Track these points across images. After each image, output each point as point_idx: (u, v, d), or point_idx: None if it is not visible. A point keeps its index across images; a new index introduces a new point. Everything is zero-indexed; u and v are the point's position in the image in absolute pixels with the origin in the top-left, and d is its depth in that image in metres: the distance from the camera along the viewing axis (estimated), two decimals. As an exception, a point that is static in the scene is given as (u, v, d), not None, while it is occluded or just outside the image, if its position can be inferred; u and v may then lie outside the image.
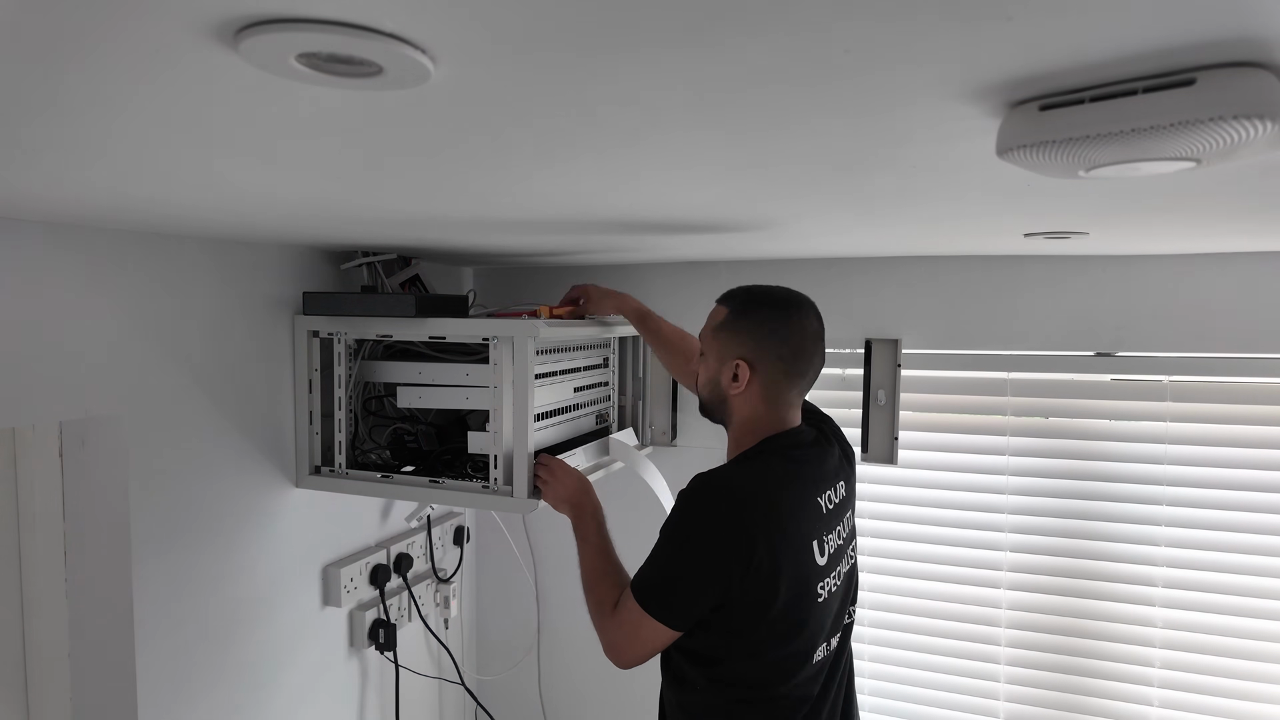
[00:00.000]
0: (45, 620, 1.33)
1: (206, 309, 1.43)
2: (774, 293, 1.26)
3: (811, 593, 1.16)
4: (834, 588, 1.21)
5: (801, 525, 1.16)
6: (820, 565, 1.17)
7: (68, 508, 1.32)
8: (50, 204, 0.99)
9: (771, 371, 1.21)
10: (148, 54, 0.45)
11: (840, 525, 1.25)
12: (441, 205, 1.03)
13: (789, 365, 1.21)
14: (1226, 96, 0.48)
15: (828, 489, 1.24)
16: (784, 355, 1.21)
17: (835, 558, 1.22)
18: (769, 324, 1.22)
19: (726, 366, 1.22)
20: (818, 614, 1.18)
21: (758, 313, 1.23)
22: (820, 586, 1.17)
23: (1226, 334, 1.69)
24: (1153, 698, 1.81)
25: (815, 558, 1.16)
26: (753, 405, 1.22)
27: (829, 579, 1.20)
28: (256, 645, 1.58)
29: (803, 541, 1.15)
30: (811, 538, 1.17)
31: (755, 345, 1.21)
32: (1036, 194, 0.93)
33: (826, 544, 1.19)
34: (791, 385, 1.23)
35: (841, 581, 1.25)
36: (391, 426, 1.72)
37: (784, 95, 0.55)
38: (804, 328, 1.23)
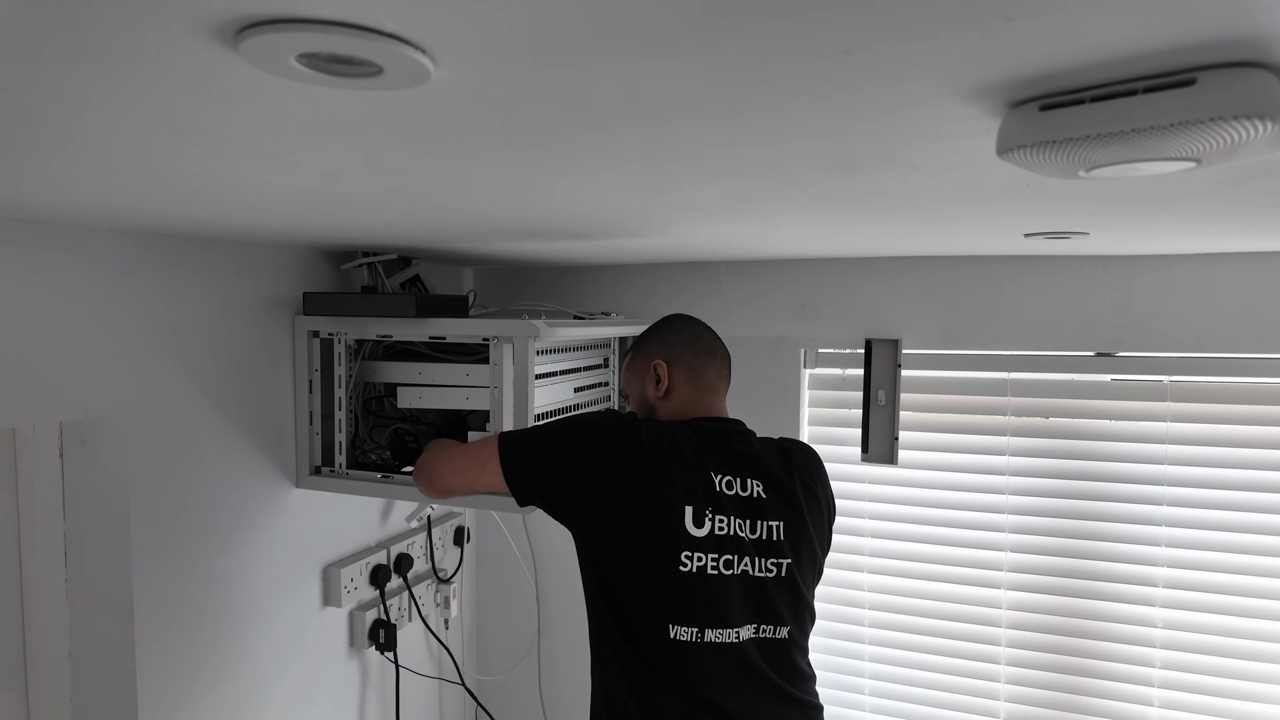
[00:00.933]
0: (45, 620, 1.33)
1: (207, 309, 1.43)
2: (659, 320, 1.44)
3: (669, 557, 1.16)
4: (716, 568, 1.18)
5: (672, 478, 1.18)
6: (693, 534, 1.17)
7: (68, 508, 1.32)
8: (50, 204, 0.99)
9: (683, 355, 1.35)
10: (148, 54, 0.45)
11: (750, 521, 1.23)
12: (441, 206, 1.03)
13: (695, 345, 1.36)
14: (1226, 96, 0.48)
15: (734, 476, 1.23)
16: (687, 340, 1.37)
17: (728, 545, 1.19)
18: (664, 330, 1.40)
19: (647, 379, 1.36)
20: (677, 587, 1.16)
21: (652, 333, 1.41)
22: (686, 557, 1.16)
23: (1226, 334, 1.68)
24: (1153, 698, 1.81)
25: (685, 524, 1.17)
26: (678, 399, 1.34)
27: (706, 558, 1.17)
28: (257, 645, 1.58)
29: (667, 494, 1.17)
30: (684, 501, 1.17)
31: (661, 344, 1.37)
32: (1036, 194, 0.93)
33: (711, 520, 1.18)
34: (706, 363, 1.35)
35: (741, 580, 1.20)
36: (392, 427, 1.72)
37: (784, 96, 0.55)
38: (694, 321, 1.41)
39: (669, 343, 1.36)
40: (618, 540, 1.18)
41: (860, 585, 2.00)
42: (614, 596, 1.20)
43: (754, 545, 1.22)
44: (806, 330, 1.97)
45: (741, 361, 1.91)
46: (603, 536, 1.20)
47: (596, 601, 1.23)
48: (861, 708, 2.02)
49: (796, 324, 1.97)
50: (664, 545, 1.16)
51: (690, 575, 1.16)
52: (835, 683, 2.03)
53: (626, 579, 1.19)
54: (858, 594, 2.00)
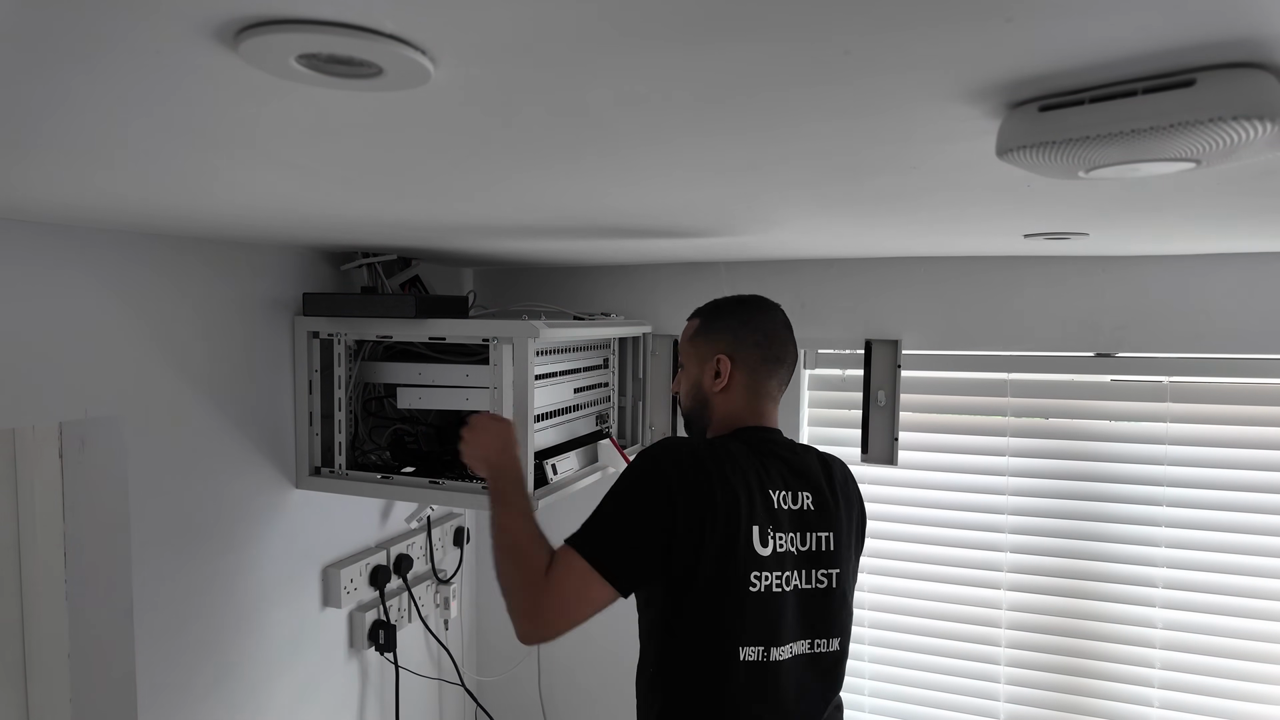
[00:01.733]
0: (45, 620, 1.33)
1: (207, 310, 1.43)
2: (740, 297, 1.34)
3: (740, 579, 1.13)
4: (779, 586, 1.15)
5: (739, 501, 1.14)
6: (760, 555, 1.14)
7: (68, 508, 1.32)
8: (50, 204, 0.99)
9: (750, 360, 1.27)
10: (148, 55, 0.46)
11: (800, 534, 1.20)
12: (442, 206, 1.03)
13: (765, 351, 1.28)
14: (1226, 97, 0.48)
15: (786, 490, 1.20)
16: (759, 342, 1.28)
17: (787, 561, 1.17)
18: (740, 318, 1.30)
19: (708, 366, 1.29)
20: (748, 607, 1.13)
21: (729, 313, 1.31)
22: (755, 577, 1.14)
23: (1226, 334, 1.68)
24: (1153, 698, 1.80)
25: (753, 544, 1.14)
26: (733, 401, 1.28)
27: (771, 576, 1.15)
28: (256, 646, 1.58)
29: (736, 517, 1.13)
30: (752, 522, 1.14)
31: (732, 338, 1.28)
32: (1036, 194, 0.93)
33: (773, 538, 1.16)
34: (770, 373, 1.28)
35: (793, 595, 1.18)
36: (391, 427, 1.72)
37: (784, 96, 0.55)
38: (773, 318, 1.31)
39: (740, 339, 1.27)
40: (698, 573, 1.12)
41: (861, 585, 1.97)
42: (687, 628, 1.15)
43: (805, 558, 1.20)
44: (806, 331, 1.97)
45: (741, 362, 1.91)
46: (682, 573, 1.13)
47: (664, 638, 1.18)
48: (861, 708, 2.02)
49: (796, 325, 1.95)
50: (738, 568, 1.13)
51: (759, 595, 1.14)
52: (835, 683, 2.02)
53: (702, 609, 1.14)
54: (858, 594, 1.99)
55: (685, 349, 1.34)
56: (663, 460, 1.16)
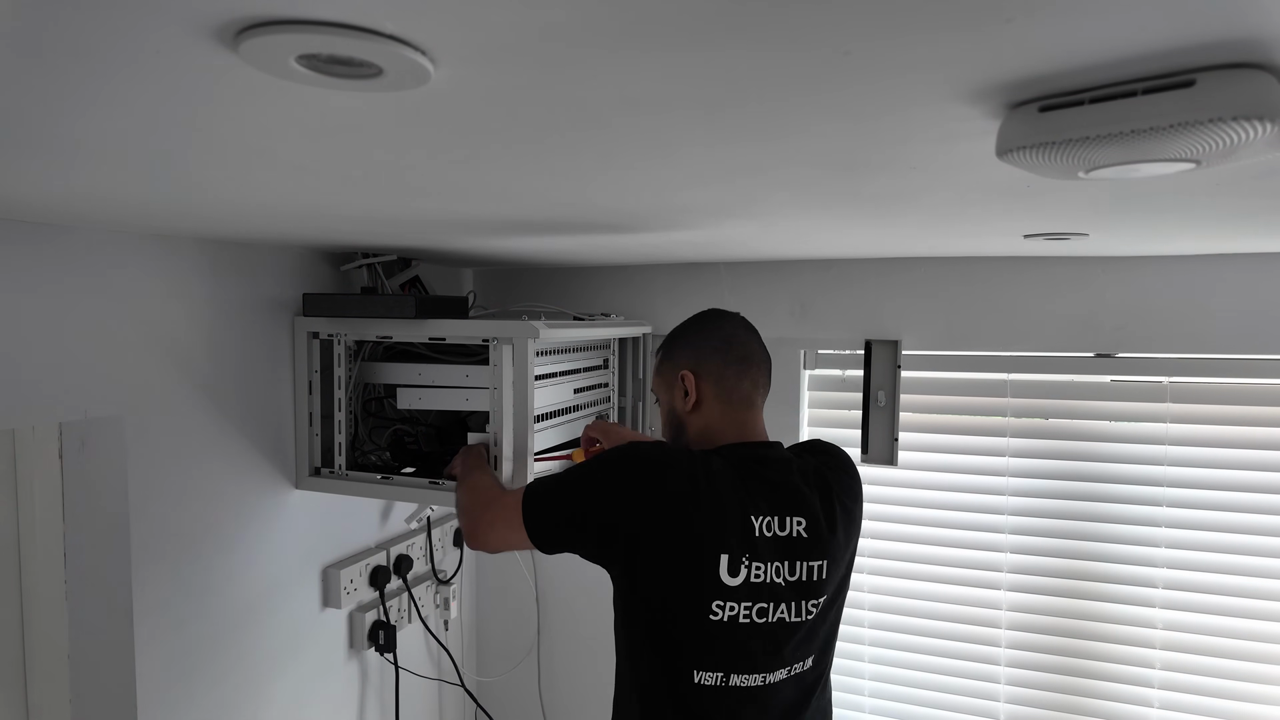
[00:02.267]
0: (45, 620, 1.33)
1: (206, 310, 1.43)
2: (694, 315, 1.32)
3: (698, 606, 1.09)
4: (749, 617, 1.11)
5: (708, 525, 1.10)
6: (727, 584, 1.09)
7: (68, 508, 1.31)
8: (50, 204, 0.99)
9: (713, 368, 1.23)
10: (148, 55, 0.46)
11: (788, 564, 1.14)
12: (441, 206, 1.03)
13: (726, 354, 1.23)
14: (1226, 98, 0.48)
15: (773, 516, 1.14)
16: (718, 348, 1.24)
17: (760, 592, 1.12)
18: (695, 331, 1.28)
19: (675, 390, 1.25)
20: (705, 635, 1.10)
21: (683, 334, 1.30)
22: (718, 606, 1.09)
23: (1226, 334, 1.68)
24: (1152, 699, 1.80)
25: (719, 573, 1.09)
26: (707, 416, 1.23)
27: (739, 607, 1.10)
28: (256, 646, 1.58)
29: (702, 542, 1.09)
30: (720, 550, 1.09)
31: (692, 352, 1.25)
32: (1036, 195, 0.93)
33: (746, 568, 1.10)
34: (739, 375, 1.23)
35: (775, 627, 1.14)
36: (391, 428, 1.72)
37: (784, 96, 0.55)
38: (730, 323, 1.28)
39: (698, 350, 1.24)
40: (647, 586, 1.12)
41: (860, 586, 2.00)
42: (640, 640, 1.15)
43: (792, 589, 1.14)
44: (806, 331, 1.97)
45: (741, 362, 1.91)
46: (633, 581, 1.13)
47: (621, 641, 1.19)
48: (861, 709, 2.02)
49: (796, 325, 1.97)
50: (695, 594, 1.09)
51: (719, 624, 1.10)
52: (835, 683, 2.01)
53: (652, 625, 1.13)
54: (858, 594, 1.99)
55: (655, 384, 1.32)
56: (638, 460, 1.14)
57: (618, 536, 1.11)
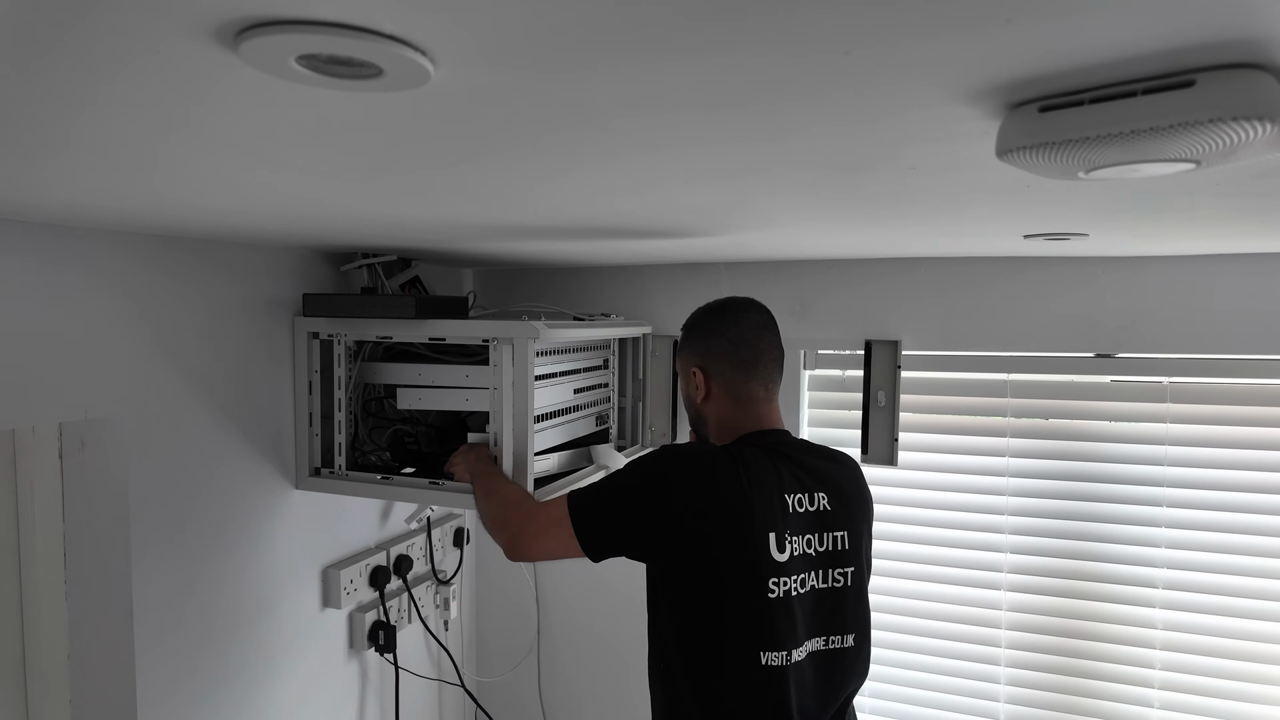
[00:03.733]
0: (45, 620, 1.33)
1: (206, 310, 1.43)
2: (711, 305, 1.37)
3: (758, 586, 1.15)
4: (796, 589, 1.18)
5: (754, 508, 1.16)
6: (778, 560, 1.16)
7: (68, 508, 1.32)
8: (50, 205, 0.99)
9: (721, 367, 1.30)
10: (148, 55, 0.46)
11: (817, 535, 1.23)
12: (441, 207, 1.03)
13: (734, 356, 1.30)
14: (1226, 98, 0.48)
15: (802, 493, 1.23)
16: (727, 350, 1.30)
17: (803, 564, 1.19)
18: (707, 327, 1.34)
19: (689, 380, 1.34)
20: (767, 614, 1.15)
21: (698, 324, 1.36)
22: (774, 584, 1.15)
23: (1226, 334, 1.68)
24: (1152, 699, 1.80)
25: (770, 551, 1.16)
26: (720, 407, 1.32)
27: (791, 581, 1.17)
28: (256, 646, 1.58)
29: (754, 524, 1.15)
30: (768, 529, 1.16)
31: (702, 350, 1.32)
32: (1036, 195, 0.93)
33: (789, 543, 1.18)
34: (747, 375, 1.29)
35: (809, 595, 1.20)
36: (391, 428, 1.72)
37: (783, 97, 0.55)
38: (741, 319, 1.32)
39: (708, 348, 1.31)
40: (707, 575, 1.15)
41: (860, 587, 2.00)
42: (702, 633, 1.17)
43: (822, 558, 1.22)
44: (806, 331, 1.97)
45: (741, 362, 1.90)
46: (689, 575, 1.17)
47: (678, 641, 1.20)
48: (862, 708, 2.02)
49: (796, 325, 1.97)
50: (753, 575, 1.15)
51: (777, 600, 1.16)
52: (835, 684, 2.02)
53: (713, 612, 1.16)
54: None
55: (678, 364, 1.41)
56: (677, 461, 1.20)
57: (672, 532, 1.15)
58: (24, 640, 1.34)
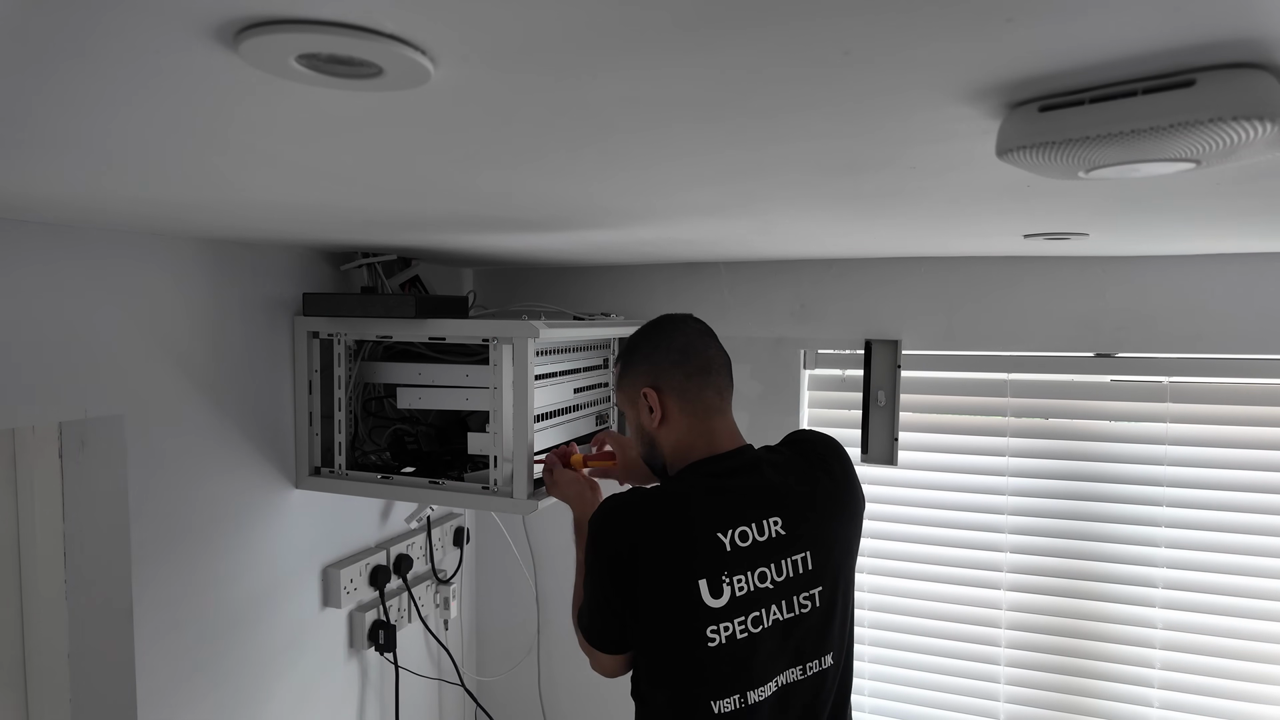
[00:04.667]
0: (45, 620, 1.33)
1: (206, 310, 1.43)
2: (647, 324, 1.28)
3: (695, 634, 1.09)
4: (744, 630, 1.11)
5: (679, 557, 1.10)
6: (713, 606, 1.09)
7: (68, 508, 1.32)
8: (51, 204, 0.99)
9: (674, 382, 1.20)
10: (148, 55, 0.46)
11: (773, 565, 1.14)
12: (441, 207, 1.03)
13: (685, 367, 1.20)
14: (1226, 97, 0.48)
15: (746, 525, 1.13)
16: (676, 361, 1.21)
17: (748, 603, 1.12)
18: (650, 345, 1.24)
19: (640, 407, 1.22)
20: (709, 662, 1.10)
21: (638, 344, 1.25)
22: (713, 630, 1.09)
23: (1226, 335, 1.68)
24: (1152, 698, 1.80)
25: (702, 596, 1.09)
26: (676, 428, 1.21)
27: (733, 625, 1.10)
28: (256, 646, 1.58)
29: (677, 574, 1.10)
30: (696, 576, 1.09)
31: (649, 367, 1.22)
32: (1036, 194, 0.93)
33: (729, 585, 1.10)
34: (701, 385, 1.20)
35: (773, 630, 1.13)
36: (391, 427, 1.72)
37: (784, 96, 0.55)
38: (684, 331, 1.24)
39: (655, 364, 1.21)
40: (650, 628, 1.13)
41: (861, 585, 1.98)
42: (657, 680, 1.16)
43: (780, 588, 1.14)
44: (806, 331, 1.97)
45: (742, 362, 1.91)
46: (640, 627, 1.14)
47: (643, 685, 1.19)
48: (861, 708, 2.02)
49: (796, 324, 1.97)
50: (688, 625, 1.10)
51: (719, 648, 1.10)
52: (835, 683, 2.02)
53: (663, 664, 1.14)
54: (857, 594, 1.99)
55: (618, 398, 1.29)
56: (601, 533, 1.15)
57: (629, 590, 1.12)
58: (24, 640, 1.34)
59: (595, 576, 1.16)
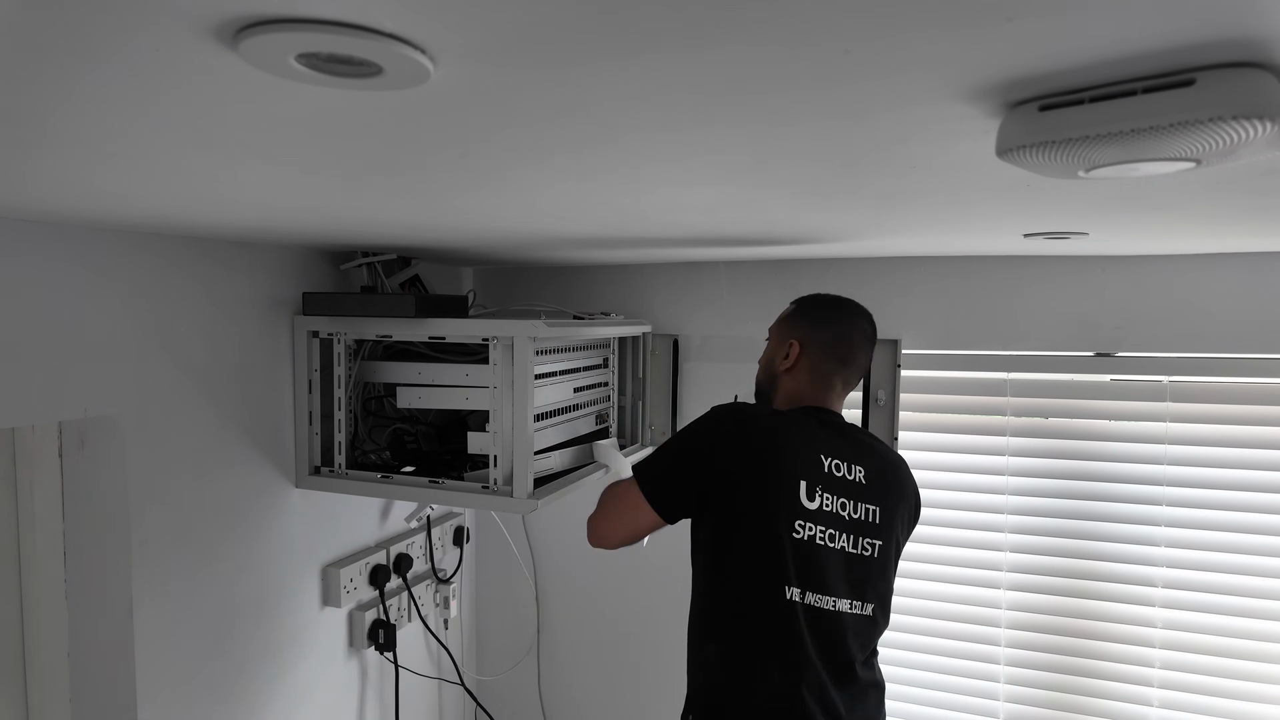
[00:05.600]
0: (45, 620, 1.33)
1: (206, 309, 1.43)
2: (836, 298, 1.47)
3: (785, 525, 1.24)
4: (823, 540, 1.27)
5: (788, 458, 1.27)
6: (806, 507, 1.26)
7: (67, 508, 1.32)
8: (50, 204, 0.99)
9: (818, 351, 1.40)
10: (148, 54, 0.45)
11: (852, 502, 1.30)
12: (441, 207, 1.03)
13: (832, 349, 1.40)
14: (1226, 97, 0.48)
15: (840, 460, 1.31)
16: (829, 341, 1.40)
17: (834, 522, 1.28)
18: (823, 314, 1.44)
19: (782, 348, 1.43)
20: (791, 551, 1.24)
21: (816, 309, 1.45)
22: (800, 525, 1.25)
23: (1226, 334, 1.68)
24: (1152, 698, 1.81)
25: (799, 497, 1.25)
26: (797, 383, 1.41)
27: (815, 528, 1.26)
28: (256, 645, 1.58)
29: (783, 471, 1.26)
30: (800, 476, 1.26)
31: (808, 330, 1.42)
32: (1036, 194, 0.93)
33: (820, 496, 1.27)
34: (834, 368, 1.40)
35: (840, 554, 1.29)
36: (391, 427, 1.72)
37: (784, 96, 0.55)
38: (853, 324, 1.43)
39: (815, 333, 1.41)
40: (740, 516, 1.26)
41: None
42: (735, 567, 1.27)
43: (853, 524, 1.30)
44: (806, 330, 1.97)
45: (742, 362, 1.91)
46: (727, 517, 1.27)
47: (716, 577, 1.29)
48: (861, 708, 2.02)
49: (796, 324, 1.97)
50: (781, 515, 1.24)
51: (802, 542, 1.25)
52: (835, 683, 2.02)
53: (746, 549, 1.26)
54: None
55: (774, 328, 1.48)
56: (721, 417, 1.31)
57: (722, 478, 1.26)
58: (24, 639, 1.34)
59: (695, 443, 1.30)
